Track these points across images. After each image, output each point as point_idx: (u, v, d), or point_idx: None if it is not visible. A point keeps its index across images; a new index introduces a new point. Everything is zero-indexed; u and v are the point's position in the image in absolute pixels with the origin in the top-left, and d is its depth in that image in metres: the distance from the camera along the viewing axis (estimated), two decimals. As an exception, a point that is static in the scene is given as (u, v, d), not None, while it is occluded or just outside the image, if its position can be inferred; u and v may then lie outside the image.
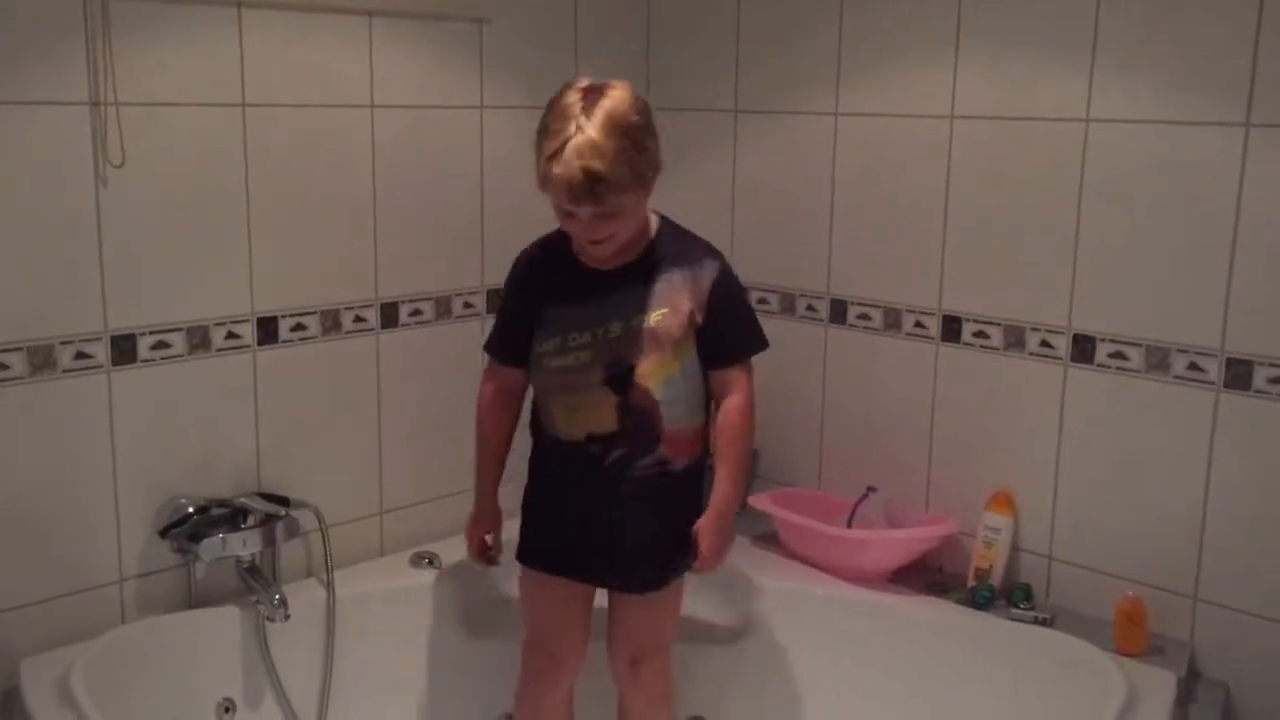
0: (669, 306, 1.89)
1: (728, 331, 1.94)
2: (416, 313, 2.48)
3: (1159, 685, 2.00)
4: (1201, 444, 2.12)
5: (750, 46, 2.70)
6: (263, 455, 2.27)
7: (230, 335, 2.20)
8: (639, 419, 1.90)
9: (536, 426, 2.04)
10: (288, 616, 2.15)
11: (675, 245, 1.94)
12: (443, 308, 2.51)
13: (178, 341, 2.13)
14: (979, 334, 2.39)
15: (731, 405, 1.96)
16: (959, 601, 2.32)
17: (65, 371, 2.00)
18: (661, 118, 2.83)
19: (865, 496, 2.53)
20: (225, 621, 2.15)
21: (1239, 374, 2.07)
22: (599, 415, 1.90)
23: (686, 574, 2.05)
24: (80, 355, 2.01)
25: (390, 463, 2.48)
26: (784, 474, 2.76)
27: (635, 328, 1.88)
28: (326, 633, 2.22)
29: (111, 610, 2.09)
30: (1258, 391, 2.05)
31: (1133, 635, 2.13)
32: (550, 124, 1.80)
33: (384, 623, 2.30)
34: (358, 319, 2.39)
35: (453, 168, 2.50)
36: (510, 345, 2.03)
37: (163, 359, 2.11)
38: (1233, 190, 2.03)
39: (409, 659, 2.32)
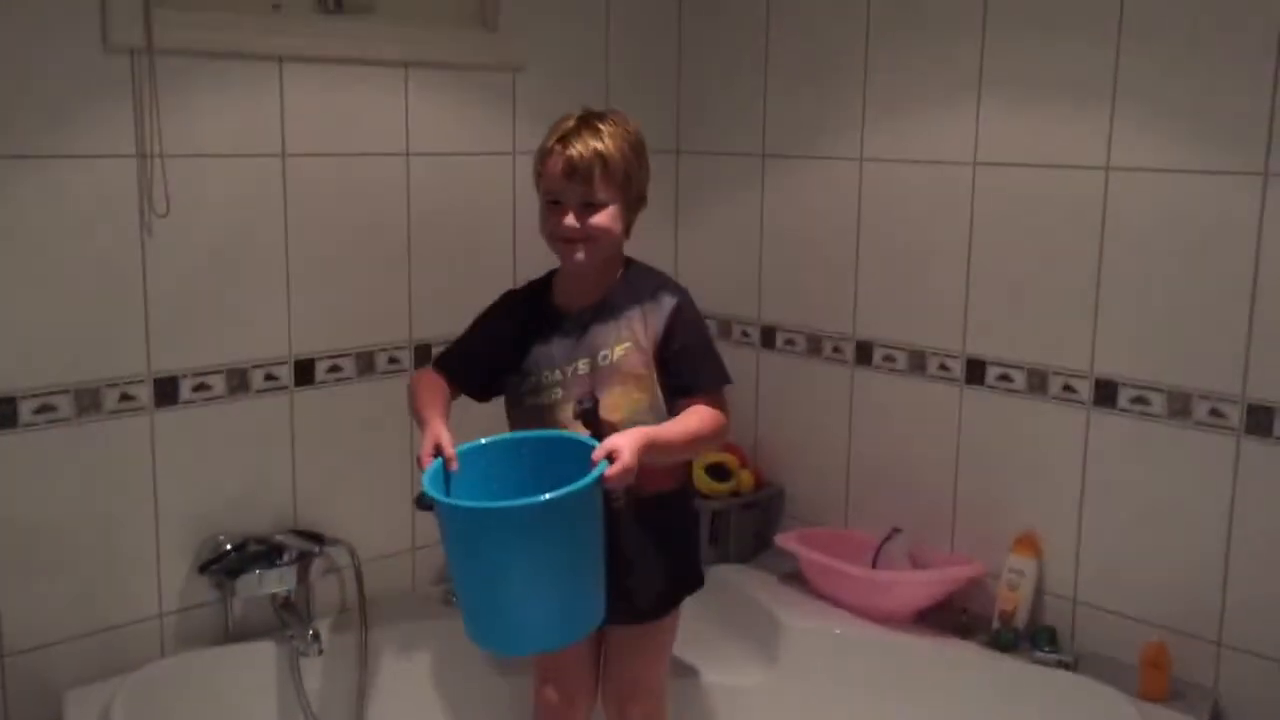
0: (630, 341, 1.93)
1: (686, 362, 1.95)
2: (449, 354, 2.53)
3: (1181, 731, 2.01)
4: (1224, 489, 2.13)
5: (777, 92, 2.75)
6: (299, 493, 2.33)
7: (269, 377, 2.27)
8: None
9: None
10: (321, 651, 2.22)
11: (638, 282, 1.99)
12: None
13: (218, 383, 2.20)
14: (1003, 377, 2.41)
15: (707, 411, 1.92)
16: (983, 643, 2.33)
17: (110, 413, 2.07)
18: (691, 161, 2.93)
19: (890, 537, 2.55)
20: (261, 656, 2.20)
21: (1260, 420, 2.07)
22: None
23: (668, 616, 2.05)
24: (124, 397, 2.09)
25: (422, 500, 2.53)
26: (809, 514, 2.79)
27: (600, 364, 1.93)
28: (359, 667, 2.27)
29: (151, 644, 2.16)
30: (1279, 437, 2.06)
31: (1156, 681, 2.13)
32: (556, 128, 1.94)
33: (415, 658, 2.35)
34: (392, 360, 2.45)
35: (486, 212, 2.56)
36: (462, 364, 2.02)
37: (203, 400, 2.19)
38: (1252, 237, 2.05)
39: (440, 694, 2.37)
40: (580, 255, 1.91)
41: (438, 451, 1.80)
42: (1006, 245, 2.38)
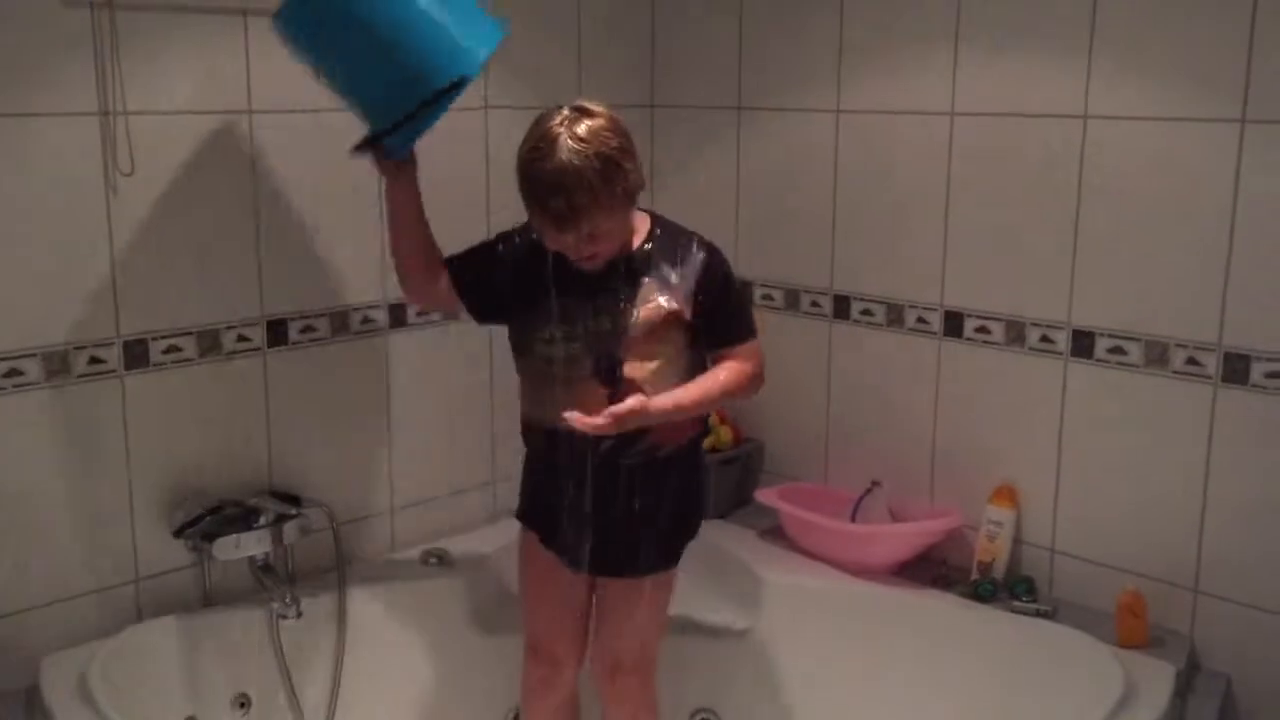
0: (656, 301, 1.91)
1: (720, 316, 1.95)
2: (425, 313, 2.51)
3: (1158, 677, 2.02)
4: (1200, 437, 2.14)
5: (752, 44, 2.71)
6: (274, 455, 2.31)
7: (241, 338, 2.24)
8: None
9: (528, 421, 2.05)
10: (300, 614, 2.21)
11: (666, 240, 1.95)
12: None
13: (189, 345, 2.17)
14: (980, 329, 2.41)
15: (739, 366, 1.95)
16: (962, 594, 2.35)
17: (80, 376, 2.04)
18: (665, 115, 2.89)
19: (869, 491, 2.55)
20: (239, 619, 2.19)
21: (1237, 368, 2.08)
22: (588, 408, 1.92)
23: (667, 571, 2.06)
24: (94, 360, 2.06)
25: (399, 462, 2.52)
26: (789, 469, 2.79)
27: (623, 322, 1.90)
28: (338, 629, 2.26)
29: (128, 609, 2.14)
30: (1255, 385, 2.06)
31: (1133, 628, 2.15)
32: (531, 156, 1.80)
33: (394, 619, 2.34)
34: (366, 320, 2.43)
35: (458, 168, 2.53)
36: (468, 269, 2.01)
37: (174, 362, 2.15)
38: (1229, 186, 2.05)
39: (419, 654, 2.36)
40: (594, 264, 1.89)
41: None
42: (984, 196, 2.37)
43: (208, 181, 2.16)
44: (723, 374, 1.94)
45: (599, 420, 1.79)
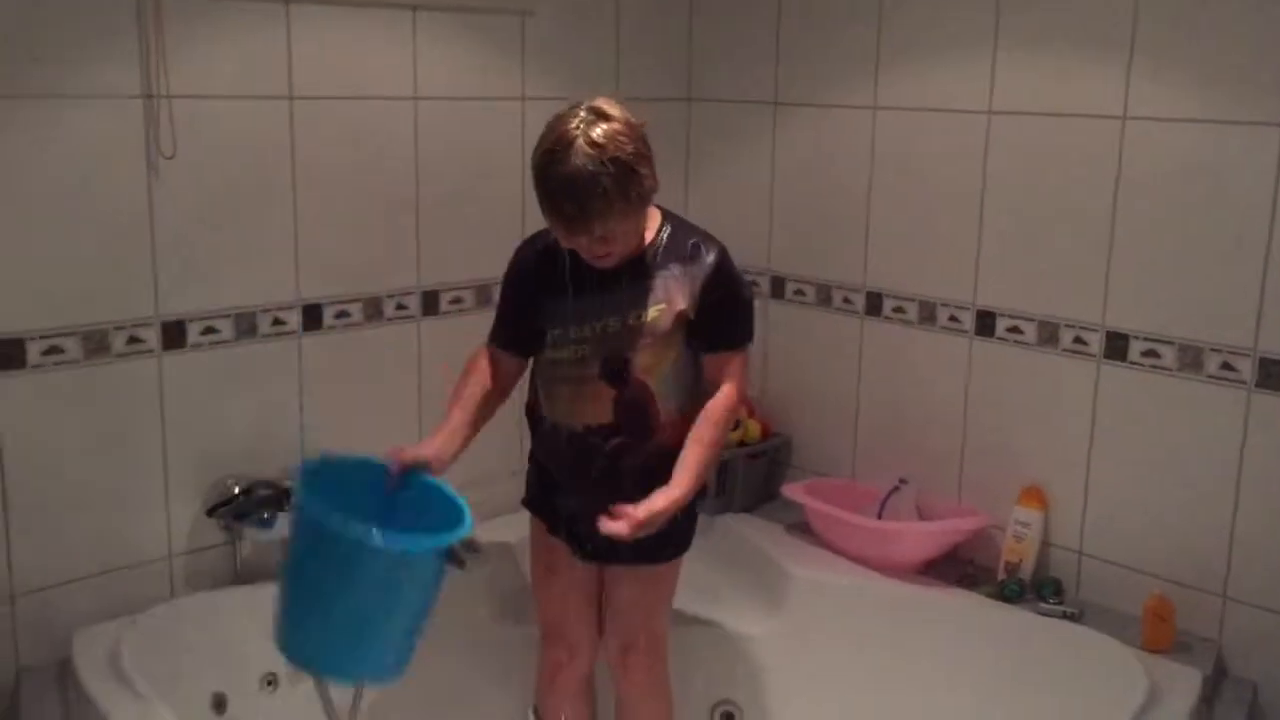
0: (666, 302, 1.92)
1: (715, 320, 1.94)
2: (457, 300, 2.53)
3: (1183, 682, 2.01)
4: (1233, 443, 2.12)
5: (790, 40, 2.71)
6: (306, 437, 2.34)
7: (276, 321, 2.27)
8: (635, 410, 1.94)
9: (535, 413, 2.06)
10: (328, 595, 2.22)
11: (677, 240, 1.95)
12: (483, 296, 2.56)
13: (225, 327, 2.20)
14: (1013, 329, 2.40)
15: (719, 398, 1.96)
16: (988, 594, 2.34)
17: (118, 355, 2.08)
18: (702, 109, 2.90)
19: (897, 488, 2.55)
20: (269, 598, 2.20)
21: (1272, 373, 2.06)
22: (596, 408, 1.94)
23: (675, 560, 2.07)
24: (132, 340, 2.09)
25: (430, 447, 2.53)
26: (817, 464, 2.79)
27: (632, 323, 1.91)
28: (366, 611, 2.28)
29: (160, 585, 2.18)
30: (1290, 392, 2.05)
31: (1160, 632, 2.14)
32: (546, 160, 1.78)
33: (421, 603, 2.36)
34: (400, 306, 2.45)
35: (494, 158, 2.55)
36: (511, 334, 2.01)
37: (211, 344, 2.19)
38: (1268, 190, 2.03)
39: (443, 639, 2.37)
40: (608, 263, 1.89)
41: (401, 468, 1.81)
42: (1019, 196, 2.36)
43: (247, 166, 2.19)
44: (707, 433, 1.93)
45: (618, 527, 1.80)
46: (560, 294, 1.95)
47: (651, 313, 1.91)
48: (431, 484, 1.82)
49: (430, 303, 2.49)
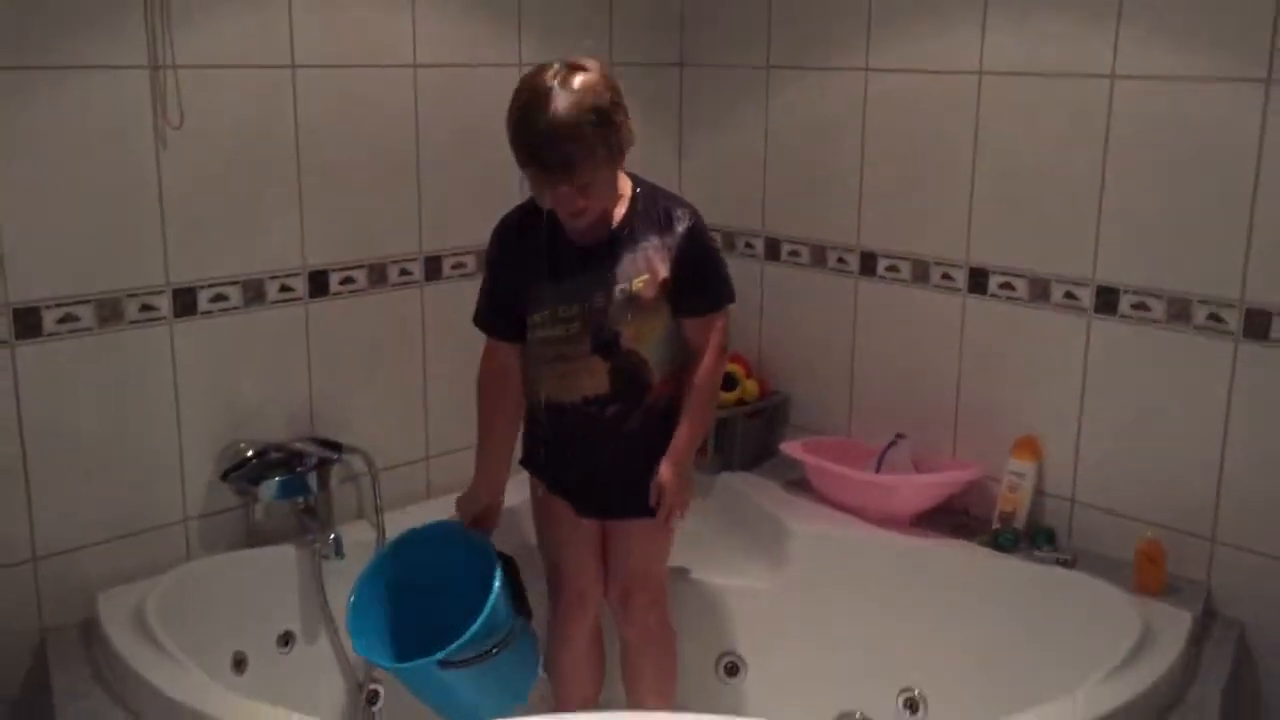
0: (648, 272, 1.96)
1: (693, 285, 2.00)
2: (459, 265, 2.57)
3: (1174, 623, 2.07)
4: (1221, 391, 2.18)
5: (781, 3, 2.74)
6: (315, 403, 2.38)
7: (284, 288, 2.30)
8: (630, 377, 2.01)
9: (527, 391, 2.11)
10: (342, 555, 2.28)
11: (650, 209, 1.99)
12: (484, 260, 2.59)
13: (234, 294, 2.23)
14: (1005, 285, 2.45)
15: (703, 366, 2.04)
16: (984, 544, 2.40)
17: (131, 323, 2.11)
18: (694, 73, 2.93)
19: (893, 443, 2.60)
20: (283, 559, 2.26)
21: (1258, 324, 2.12)
22: (592, 381, 1.99)
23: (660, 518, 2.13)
24: (145, 307, 2.12)
25: (435, 410, 2.58)
26: (814, 422, 2.85)
27: (618, 296, 1.96)
28: (378, 571, 2.33)
29: (177, 548, 2.22)
30: (1275, 341, 2.11)
31: (1151, 576, 2.20)
32: (522, 107, 1.84)
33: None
34: (403, 272, 2.48)
35: (494, 124, 2.54)
36: (502, 318, 2.07)
37: (221, 311, 2.22)
38: (1254, 145, 2.08)
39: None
40: (579, 223, 1.93)
41: (474, 521, 2.06)
42: (1010, 154, 2.40)
43: (253, 135, 2.21)
44: (701, 394, 2.05)
45: (678, 514, 2.05)
46: (543, 273, 1.99)
47: (636, 284, 1.96)
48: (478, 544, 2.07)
49: (433, 268, 2.53)
